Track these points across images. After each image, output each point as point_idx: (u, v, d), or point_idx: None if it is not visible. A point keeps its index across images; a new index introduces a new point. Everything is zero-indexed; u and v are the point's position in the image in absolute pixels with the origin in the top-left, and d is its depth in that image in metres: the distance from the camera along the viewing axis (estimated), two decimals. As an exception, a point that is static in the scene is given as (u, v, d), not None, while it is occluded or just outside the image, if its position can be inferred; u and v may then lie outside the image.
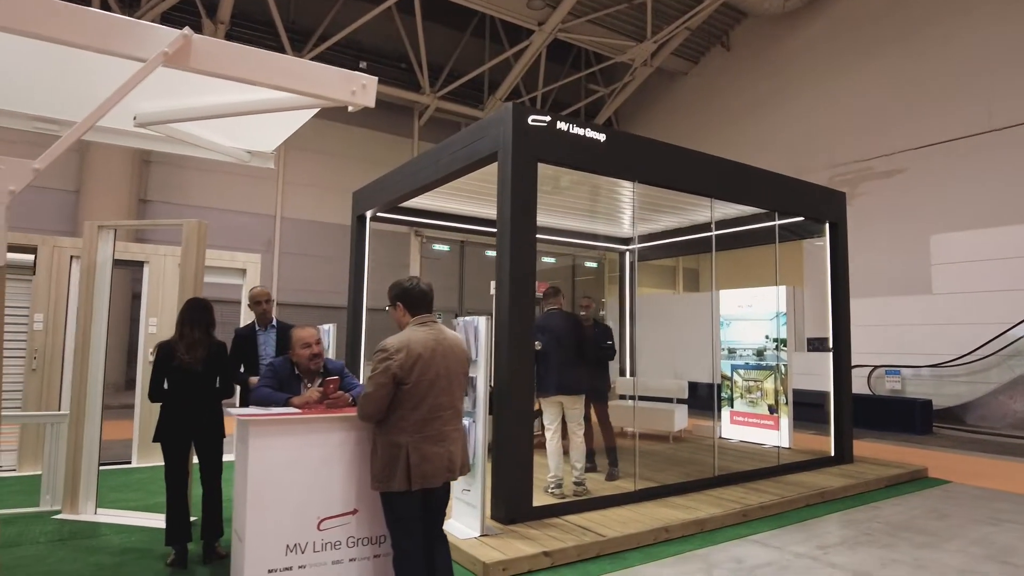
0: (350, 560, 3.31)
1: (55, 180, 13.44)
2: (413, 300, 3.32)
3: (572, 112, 19.22)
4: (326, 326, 5.80)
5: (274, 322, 5.14)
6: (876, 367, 12.53)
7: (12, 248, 6.67)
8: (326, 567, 3.25)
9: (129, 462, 7.09)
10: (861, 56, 15.03)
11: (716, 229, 6.55)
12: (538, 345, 5.25)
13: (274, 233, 15.62)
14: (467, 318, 4.74)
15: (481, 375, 4.53)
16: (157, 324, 7.23)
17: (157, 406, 4.19)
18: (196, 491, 4.44)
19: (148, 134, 4.59)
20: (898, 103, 14.22)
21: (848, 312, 7.65)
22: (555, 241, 9.87)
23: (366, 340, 7.92)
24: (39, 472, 6.60)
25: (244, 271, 7.66)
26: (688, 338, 8.84)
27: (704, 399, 10.36)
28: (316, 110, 4.25)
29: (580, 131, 5.38)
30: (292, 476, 3.19)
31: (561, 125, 5.27)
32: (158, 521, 5.09)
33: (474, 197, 7.42)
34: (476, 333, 4.65)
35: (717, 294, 7.37)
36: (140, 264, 7.21)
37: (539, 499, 5.10)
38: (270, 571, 3.11)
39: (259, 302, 5.05)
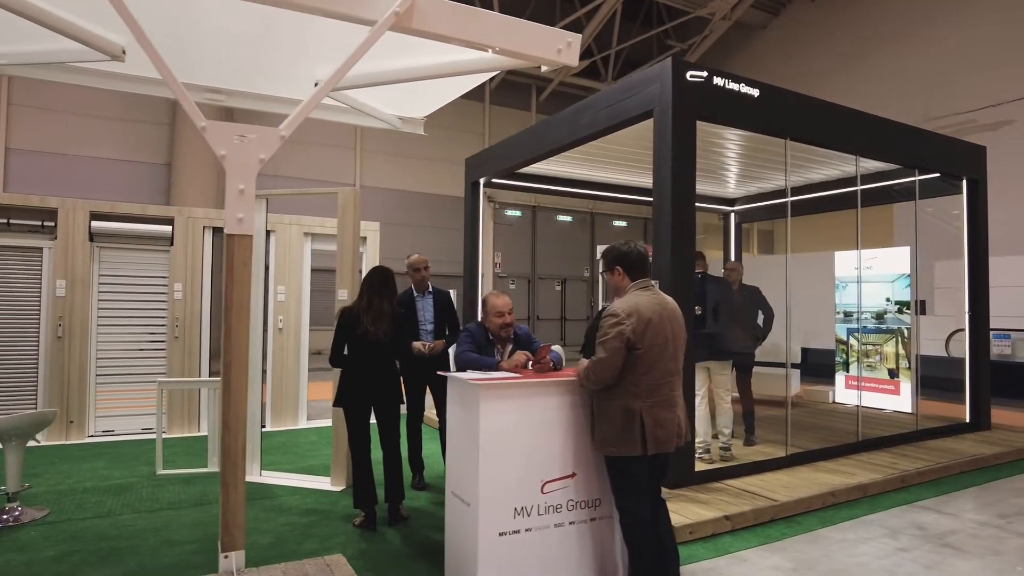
0: (570, 523, 3.33)
1: (148, 154, 13.79)
2: (632, 263, 3.25)
3: (644, 71, 18.69)
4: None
5: (430, 288, 5.17)
6: (982, 330, 11.99)
7: (150, 220, 6.88)
8: (549, 530, 3.27)
9: (264, 426, 7.32)
10: (960, 1, 14.08)
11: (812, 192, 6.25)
12: (698, 310, 5.15)
13: (354, 202, 15.76)
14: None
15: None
16: (285, 292, 7.39)
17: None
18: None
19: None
20: (1004, 50, 13.30)
21: (987, 274, 7.30)
22: (636, 201, 9.56)
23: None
24: (186, 435, 6.91)
25: (364, 238, 7.73)
26: (798, 301, 8.56)
27: (813, 365, 10.10)
28: (494, 73, 4.18)
29: (735, 86, 5.17)
30: (518, 439, 3.20)
31: (718, 80, 5.06)
32: (320, 483, 5.27)
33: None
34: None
35: (860, 254, 7.10)
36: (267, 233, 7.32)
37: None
38: (500, 534, 3.15)
39: (418, 269, 5.07)
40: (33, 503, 4.49)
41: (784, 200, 8.86)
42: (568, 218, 20.04)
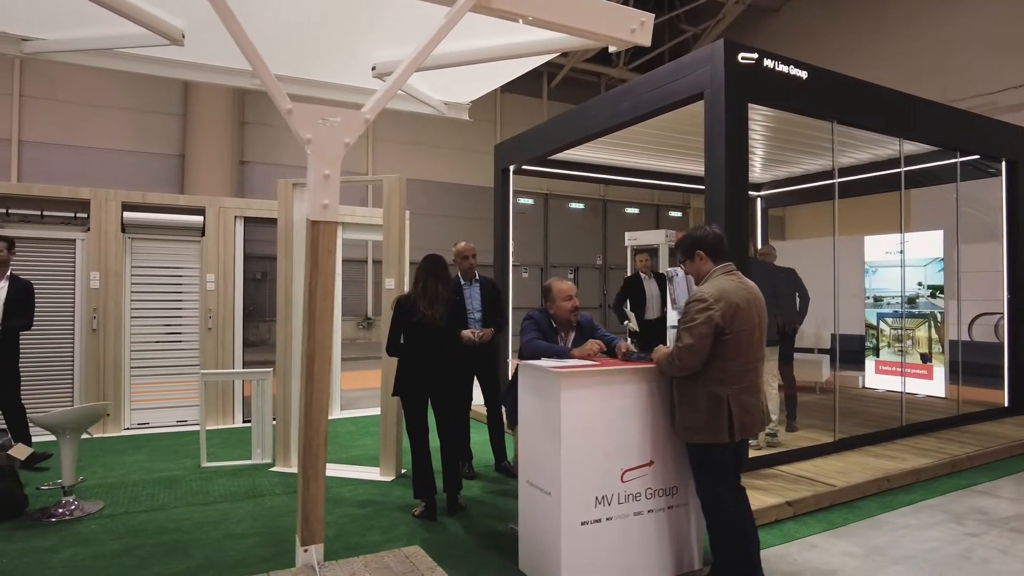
0: (648, 512, 3.28)
1: (160, 145, 13.66)
2: (712, 247, 3.18)
3: (656, 56, 18.52)
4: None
5: (477, 276, 5.11)
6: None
7: (180, 210, 6.79)
8: (628, 519, 3.22)
9: (297, 417, 7.29)
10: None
11: (840, 176, 6.27)
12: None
13: (367, 191, 15.64)
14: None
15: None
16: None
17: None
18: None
19: (367, 87, 4.52)
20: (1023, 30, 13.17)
21: (1026, 257, 7.25)
22: (657, 186, 9.43)
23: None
24: (221, 426, 6.87)
25: (395, 228, 7.64)
26: (827, 287, 8.53)
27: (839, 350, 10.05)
28: (551, 56, 4.09)
29: (785, 68, 5.08)
30: (598, 428, 3.15)
31: (768, 62, 4.98)
32: (370, 474, 5.22)
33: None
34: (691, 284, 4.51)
35: (903, 237, 7.04)
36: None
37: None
38: (583, 523, 3.10)
39: (466, 256, 5.01)
40: (87, 496, 4.44)
41: (821, 184, 8.82)
42: (580, 206, 20.01)
